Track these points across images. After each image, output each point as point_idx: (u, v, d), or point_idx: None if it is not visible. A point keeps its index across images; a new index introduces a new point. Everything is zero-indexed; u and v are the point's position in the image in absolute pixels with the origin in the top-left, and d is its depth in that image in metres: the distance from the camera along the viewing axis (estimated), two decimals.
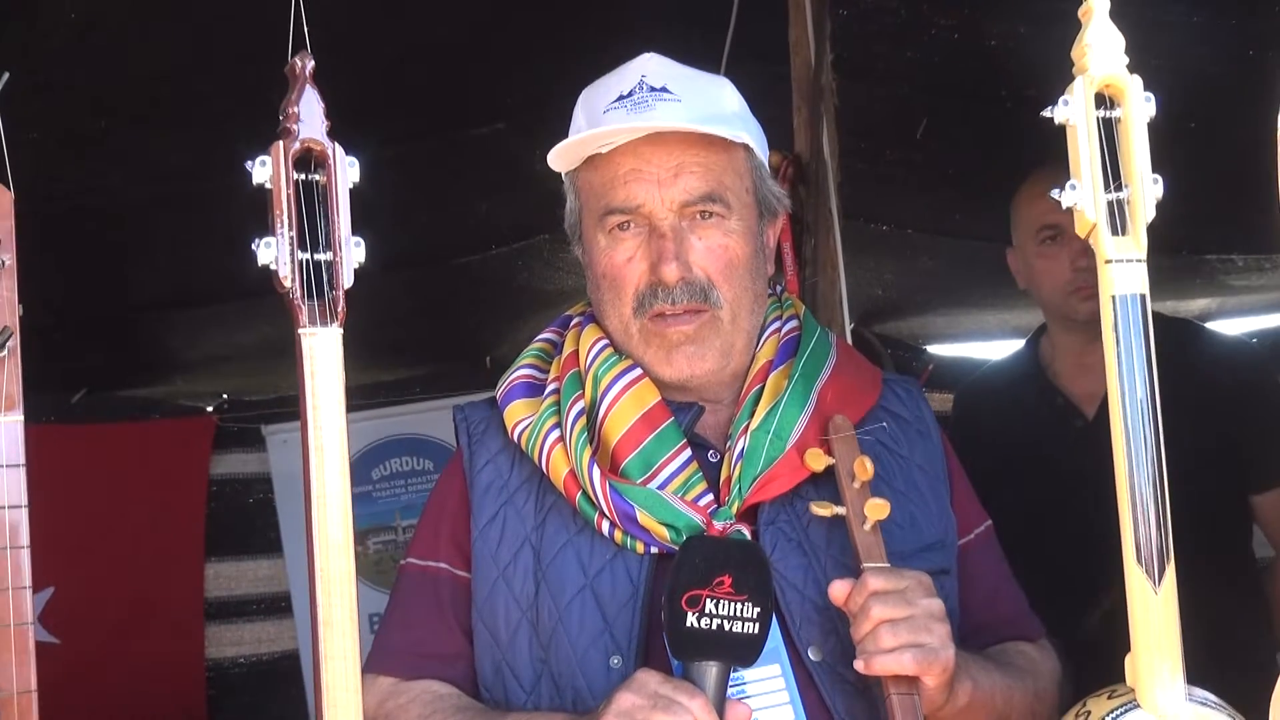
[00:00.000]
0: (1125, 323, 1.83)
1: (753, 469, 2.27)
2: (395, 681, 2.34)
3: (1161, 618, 1.84)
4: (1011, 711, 2.30)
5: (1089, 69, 1.83)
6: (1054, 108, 1.84)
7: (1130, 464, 1.84)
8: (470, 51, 4.06)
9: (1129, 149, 1.83)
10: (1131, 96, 1.84)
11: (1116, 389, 1.83)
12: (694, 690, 2.06)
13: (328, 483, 1.74)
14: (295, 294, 1.74)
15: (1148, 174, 1.83)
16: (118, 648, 6.15)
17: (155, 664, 6.38)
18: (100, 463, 6.19)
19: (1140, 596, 1.84)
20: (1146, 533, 1.83)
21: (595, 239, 2.35)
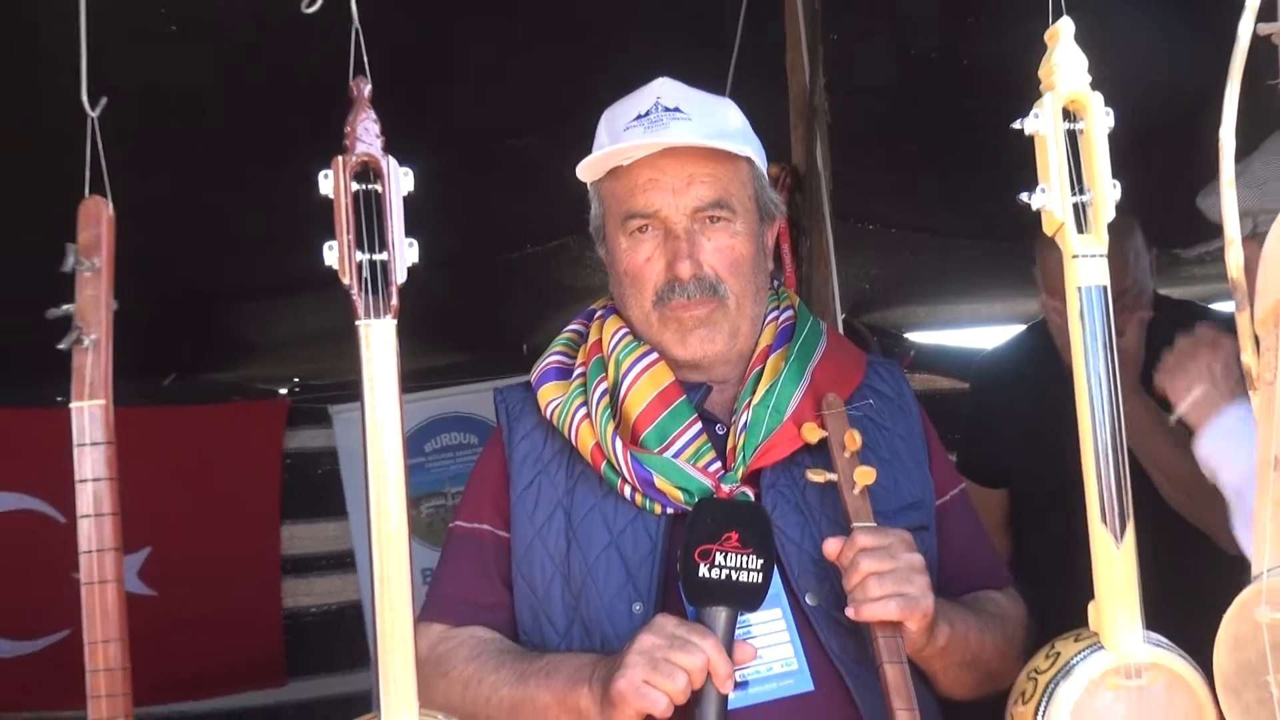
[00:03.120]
0: (1089, 309, 1.84)
1: (755, 439, 2.28)
2: (446, 628, 2.34)
3: (1122, 570, 1.84)
4: (984, 651, 2.30)
5: (1056, 86, 1.83)
6: (1024, 120, 1.84)
7: (1094, 433, 1.84)
8: (507, 75, 4.06)
9: (1091, 157, 1.83)
10: (1093, 111, 1.84)
11: (1082, 368, 1.83)
12: (706, 632, 2.08)
13: (385, 455, 1.74)
14: (354, 290, 1.74)
15: (1108, 179, 1.83)
16: (206, 599, 6.16)
17: (239, 613, 6.39)
18: (188, 439, 6.20)
19: (1103, 551, 1.84)
20: (1108, 494, 1.83)
21: (618, 240, 2.36)
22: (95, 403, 1.76)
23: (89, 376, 1.76)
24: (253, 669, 6.40)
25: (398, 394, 1.74)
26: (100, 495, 1.75)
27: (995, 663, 2.32)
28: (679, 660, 2.05)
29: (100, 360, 1.76)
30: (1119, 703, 1.87)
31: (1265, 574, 1.56)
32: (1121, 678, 1.86)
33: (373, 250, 1.75)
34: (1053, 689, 1.87)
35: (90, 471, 1.75)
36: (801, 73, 3.86)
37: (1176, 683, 1.86)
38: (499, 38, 3.87)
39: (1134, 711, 1.86)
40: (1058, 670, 1.89)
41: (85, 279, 1.76)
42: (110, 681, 1.74)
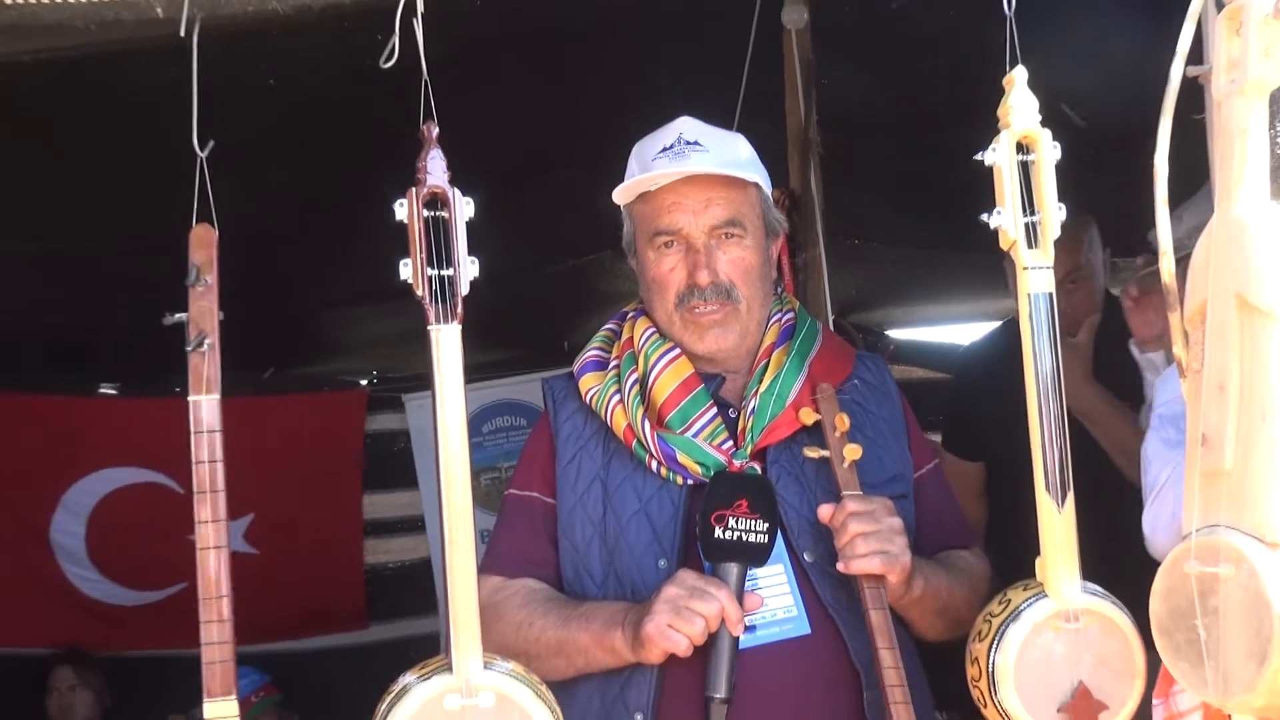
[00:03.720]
0: (1037, 312, 1.84)
1: (761, 422, 2.29)
2: (502, 580, 2.34)
3: (1063, 530, 1.85)
4: (953, 600, 2.31)
5: (1011, 124, 1.82)
6: (984, 153, 1.84)
7: (1040, 415, 1.84)
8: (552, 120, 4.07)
9: (1040, 184, 1.83)
10: (1043, 145, 1.83)
11: (1031, 361, 1.84)
12: (720, 584, 2.10)
13: (451, 436, 1.75)
14: (426, 300, 1.75)
15: (1054, 203, 1.83)
16: (300, 556, 6.19)
17: (328, 568, 6.42)
18: (284, 423, 6.22)
19: (1047, 514, 1.84)
20: (1052, 467, 1.84)
21: (646, 253, 2.36)
22: (210, 397, 1.77)
23: (205, 374, 1.77)
24: (340, 615, 6.42)
25: (461, 386, 1.75)
26: (213, 475, 1.76)
27: (963, 610, 2.31)
28: (698, 608, 2.06)
29: (214, 360, 1.77)
30: (1058, 642, 1.89)
31: (1194, 534, 1.55)
32: (1061, 621, 1.88)
33: (441, 267, 1.76)
34: (1003, 630, 1.89)
35: (206, 455, 1.76)
36: (798, 112, 3.86)
37: (1109, 626, 1.88)
38: (546, 91, 3.89)
39: (1072, 650, 1.88)
40: (1008, 614, 1.90)
41: (198, 293, 1.77)
42: (221, 631, 1.75)
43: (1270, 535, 1.45)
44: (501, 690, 1.75)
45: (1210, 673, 1.51)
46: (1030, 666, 1.88)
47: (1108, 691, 1.88)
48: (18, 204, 4.09)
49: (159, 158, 2.04)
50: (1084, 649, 1.88)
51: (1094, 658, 1.88)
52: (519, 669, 1.80)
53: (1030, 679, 1.88)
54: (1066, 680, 1.89)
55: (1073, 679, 1.88)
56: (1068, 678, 1.89)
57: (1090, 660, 1.88)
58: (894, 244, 5.45)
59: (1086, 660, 1.88)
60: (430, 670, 1.77)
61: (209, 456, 1.76)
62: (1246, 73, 1.49)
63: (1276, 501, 1.45)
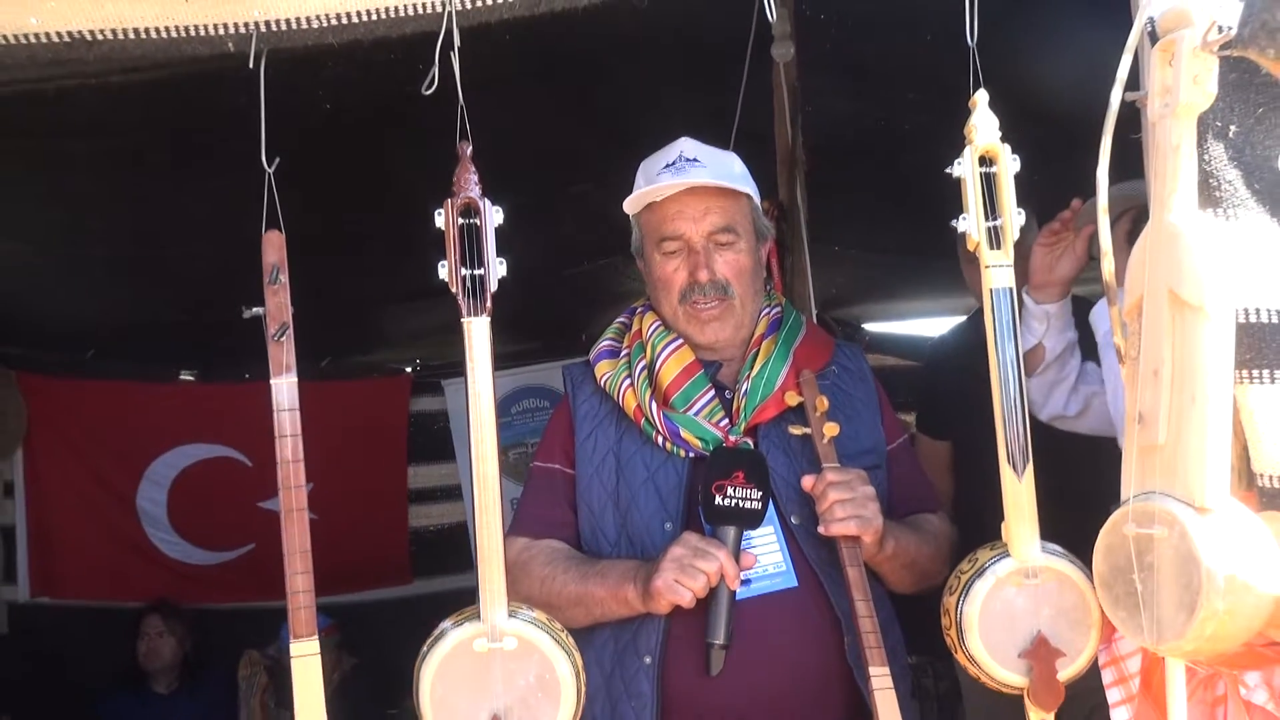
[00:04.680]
0: (999, 305, 1.83)
1: (753, 402, 2.28)
2: (528, 540, 2.34)
3: (1024, 497, 1.84)
4: (920, 557, 2.30)
5: (975, 140, 1.81)
6: (951, 167, 1.83)
7: (1003, 395, 1.83)
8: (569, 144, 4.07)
9: (1001, 192, 1.82)
10: (1003, 158, 1.82)
11: (994, 349, 1.83)
12: (720, 544, 2.10)
13: (482, 416, 1.75)
14: (459, 296, 1.75)
15: (1014, 209, 1.82)
16: (354, 520, 6.19)
17: (377, 531, 6.43)
18: (339, 405, 6.22)
19: (1009, 482, 1.84)
20: (1013, 441, 1.83)
21: (653, 257, 2.35)
22: (289, 379, 1.78)
23: (284, 360, 1.78)
24: (387, 571, 6.44)
25: (490, 371, 1.75)
26: (295, 447, 1.78)
27: (929, 566, 2.32)
28: (700, 565, 2.06)
29: (290, 349, 1.78)
30: (1020, 596, 1.88)
31: (1130, 499, 1.54)
32: (1023, 577, 1.87)
33: (473, 267, 1.76)
34: (970, 584, 1.88)
35: (288, 429, 1.78)
36: (785, 134, 3.86)
37: (1066, 581, 1.87)
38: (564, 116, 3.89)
39: (1031, 603, 1.87)
40: (975, 571, 1.90)
41: (274, 290, 1.78)
42: (305, 581, 1.78)
43: (1199, 501, 1.45)
44: (524, 635, 1.75)
45: (1146, 621, 1.51)
46: (994, 617, 1.87)
47: (1065, 640, 1.87)
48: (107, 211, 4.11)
49: (230, 172, 2.04)
50: (1043, 602, 1.87)
51: (1052, 610, 1.87)
52: (541, 617, 1.81)
53: (994, 628, 1.88)
54: (1027, 630, 1.88)
55: (1032, 629, 1.88)
56: (1028, 628, 1.88)
57: (1049, 612, 1.87)
58: (869, 249, 5.44)
59: (1045, 612, 1.87)
60: (464, 618, 1.78)
61: (292, 430, 1.77)
62: (1178, 98, 1.48)
63: (1204, 472, 1.45)
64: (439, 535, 6.60)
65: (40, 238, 4.30)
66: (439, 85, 1.75)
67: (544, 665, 1.75)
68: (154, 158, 3.74)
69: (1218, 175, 1.55)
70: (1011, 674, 1.88)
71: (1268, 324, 1.52)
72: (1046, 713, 1.88)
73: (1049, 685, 1.86)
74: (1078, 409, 2.91)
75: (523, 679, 1.74)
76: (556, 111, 3.85)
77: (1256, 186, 1.55)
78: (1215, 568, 1.41)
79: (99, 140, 3.50)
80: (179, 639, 5.54)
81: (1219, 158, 1.55)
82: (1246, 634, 1.46)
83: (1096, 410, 2.88)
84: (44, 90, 2.31)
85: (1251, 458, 1.55)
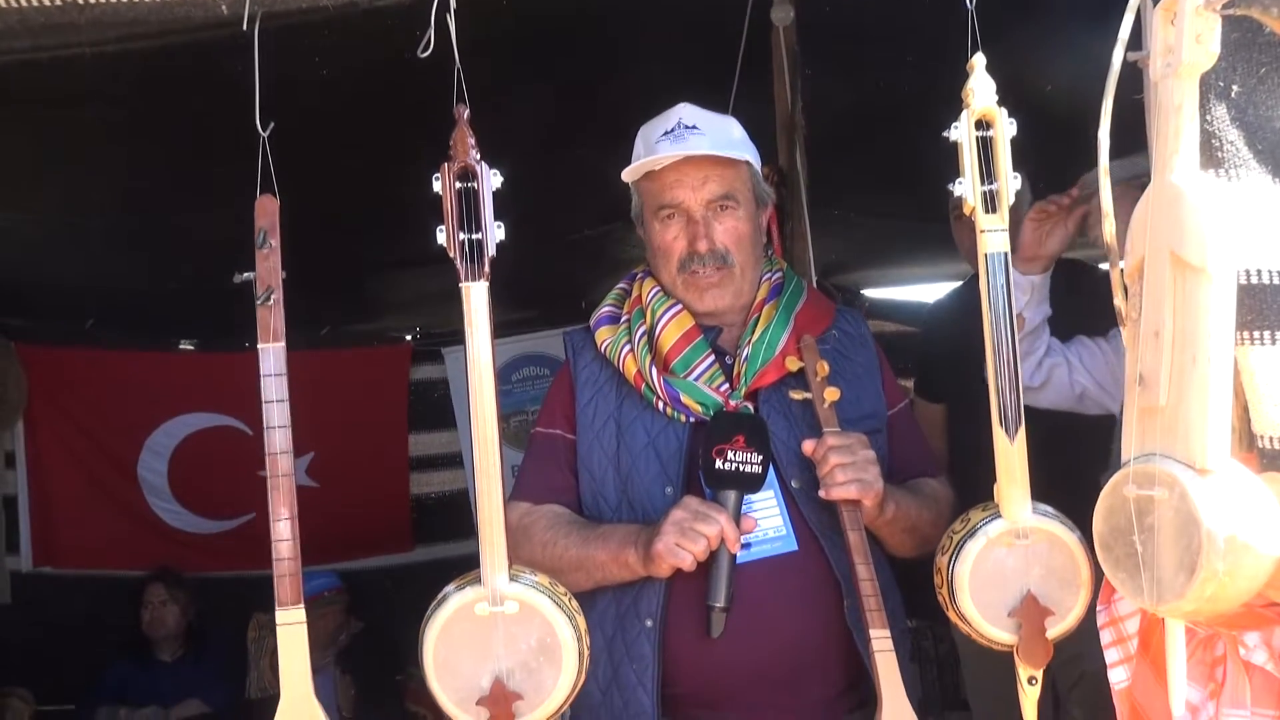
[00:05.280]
0: (994, 268, 1.83)
1: (753, 367, 2.28)
2: (530, 505, 2.34)
3: (1016, 459, 1.84)
4: (920, 522, 2.30)
5: (972, 104, 1.80)
6: (949, 130, 1.82)
7: (996, 359, 1.83)
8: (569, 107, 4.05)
9: (997, 156, 1.81)
10: (1000, 122, 1.81)
11: (988, 311, 1.82)
12: (720, 508, 2.10)
13: (483, 387, 1.75)
14: (457, 260, 1.75)
15: (1009, 173, 1.81)
16: (355, 488, 6.22)
17: (379, 498, 6.45)
18: (340, 374, 6.24)
19: (1001, 445, 1.84)
20: (1006, 404, 1.83)
21: (653, 225, 2.35)
22: (276, 345, 1.78)
23: (271, 325, 1.78)
24: (389, 538, 6.46)
25: (490, 336, 1.74)
26: (281, 412, 1.78)
27: (929, 530, 2.31)
28: (701, 529, 2.06)
29: (278, 314, 1.77)
30: (1010, 556, 1.89)
31: (1131, 461, 1.54)
32: (1014, 538, 1.88)
33: (471, 231, 1.75)
34: (962, 544, 1.90)
35: (274, 394, 1.78)
36: (785, 99, 3.84)
37: (1056, 542, 1.88)
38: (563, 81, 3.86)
39: (1022, 562, 1.89)
40: (967, 531, 1.91)
41: (264, 254, 1.78)
42: (290, 548, 1.77)
43: (1199, 462, 1.44)
44: (525, 599, 1.76)
45: (1146, 583, 1.51)
46: (985, 576, 1.89)
47: (1054, 599, 1.89)
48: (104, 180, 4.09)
49: (227, 140, 2.03)
50: (1033, 562, 1.88)
51: (1042, 570, 1.89)
52: (543, 581, 1.81)
53: (984, 587, 1.89)
54: (1017, 589, 1.90)
55: (1022, 588, 1.89)
56: (1018, 587, 1.90)
57: (1039, 572, 1.89)
58: (869, 214, 5.41)
59: (1035, 572, 1.89)
60: (466, 582, 1.79)
61: (278, 396, 1.78)
62: (1180, 57, 1.47)
63: (1205, 433, 1.45)
64: (440, 502, 6.61)
65: (38, 207, 4.29)
66: (435, 49, 1.74)
67: (545, 629, 1.75)
68: (152, 126, 3.72)
69: (1220, 136, 1.54)
70: (1001, 632, 1.90)
71: (1269, 285, 1.52)
72: (1035, 669, 1.90)
73: (1038, 643, 1.88)
74: (1041, 380, 2.98)
75: (524, 642, 1.75)
76: (555, 76, 3.82)
77: (1259, 147, 1.54)
78: (1215, 529, 1.41)
79: (96, 109, 3.48)
80: (182, 607, 5.57)
81: (1221, 118, 1.54)
82: (1246, 595, 1.46)
83: (1056, 383, 2.98)
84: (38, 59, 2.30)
85: (1252, 419, 1.54)
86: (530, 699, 1.75)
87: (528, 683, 1.75)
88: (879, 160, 4.63)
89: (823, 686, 2.23)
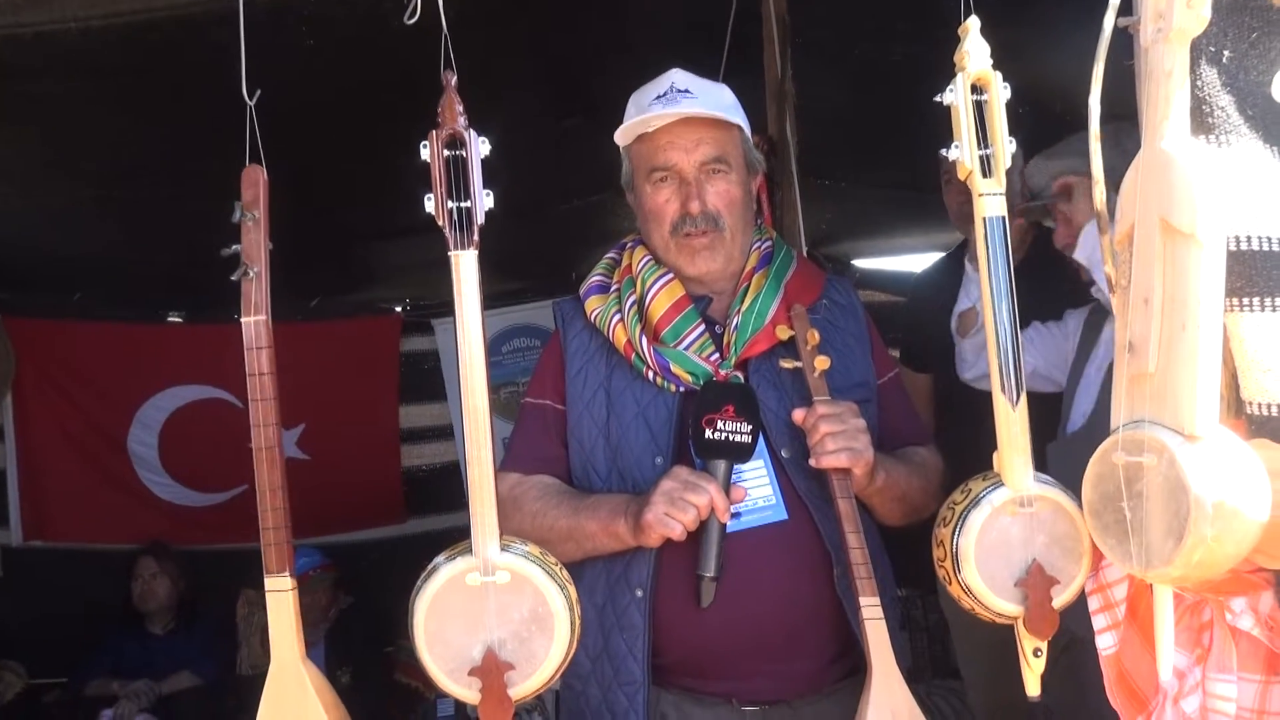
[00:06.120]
0: (993, 233, 1.81)
1: (743, 336, 2.28)
2: (520, 476, 2.34)
3: (1018, 427, 1.82)
4: (910, 490, 2.31)
5: (967, 67, 1.79)
6: (943, 94, 1.81)
7: (996, 324, 1.81)
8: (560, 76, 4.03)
9: (993, 120, 1.79)
10: (994, 85, 1.79)
11: (987, 276, 1.81)
12: (710, 478, 2.10)
13: (472, 355, 1.74)
14: (446, 228, 1.73)
15: (1005, 137, 1.79)
16: (347, 461, 6.23)
17: (370, 470, 6.47)
18: (330, 345, 6.24)
19: (1003, 412, 1.82)
20: (1007, 370, 1.81)
21: (644, 188, 2.34)
22: (259, 318, 1.77)
23: (254, 299, 1.77)
24: (381, 510, 6.47)
25: (479, 304, 1.74)
26: (265, 385, 1.77)
27: (919, 499, 2.33)
28: (691, 498, 2.06)
29: (261, 287, 1.77)
30: (1014, 525, 1.86)
31: (1120, 428, 1.55)
32: (1017, 506, 1.85)
33: (460, 200, 1.74)
34: (965, 515, 1.86)
35: (257, 368, 1.77)
36: (775, 67, 3.82)
37: (1059, 510, 1.86)
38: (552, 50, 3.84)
39: (1026, 531, 1.86)
40: (969, 501, 1.88)
41: (248, 227, 1.77)
42: (276, 517, 1.77)
43: (1188, 428, 1.45)
44: (516, 569, 1.75)
45: (1134, 548, 1.51)
46: (989, 547, 1.85)
47: (1059, 568, 1.86)
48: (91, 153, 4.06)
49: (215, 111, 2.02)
50: (1037, 531, 1.86)
51: (1047, 538, 1.86)
52: (534, 551, 1.81)
53: (989, 558, 1.86)
54: (1021, 559, 1.86)
55: (1027, 557, 1.86)
56: (1023, 556, 1.86)
57: (1043, 540, 1.86)
58: (859, 184, 5.41)
59: (1040, 540, 1.86)
60: (457, 552, 1.78)
61: (261, 369, 1.77)
62: (1171, 22, 1.46)
63: (1193, 400, 1.45)
64: (432, 474, 6.63)
65: (24, 180, 4.26)
66: (422, 16, 1.73)
67: (537, 599, 1.75)
68: (139, 99, 3.69)
69: (1210, 101, 1.53)
70: (1007, 604, 1.86)
71: (1259, 251, 1.52)
72: (1042, 640, 1.88)
73: (1045, 613, 1.85)
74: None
75: (516, 612, 1.75)
76: (545, 44, 3.80)
77: (1249, 112, 1.54)
78: (1204, 495, 1.41)
79: (82, 82, 3.45)
80: (173, 580, 5.58)
81: (1212, 83, 1.53)
82: (1233, 560, 1.46)
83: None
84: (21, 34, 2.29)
85: (1240, 386, 1.55)
86: (522, 668, 1.75)
87: (520, 652, 1.75)
88: (870, 130, 4.62)
89: (813, 655, 2.24)
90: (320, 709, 1.77)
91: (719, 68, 3.46)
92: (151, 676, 5.25)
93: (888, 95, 4.12)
